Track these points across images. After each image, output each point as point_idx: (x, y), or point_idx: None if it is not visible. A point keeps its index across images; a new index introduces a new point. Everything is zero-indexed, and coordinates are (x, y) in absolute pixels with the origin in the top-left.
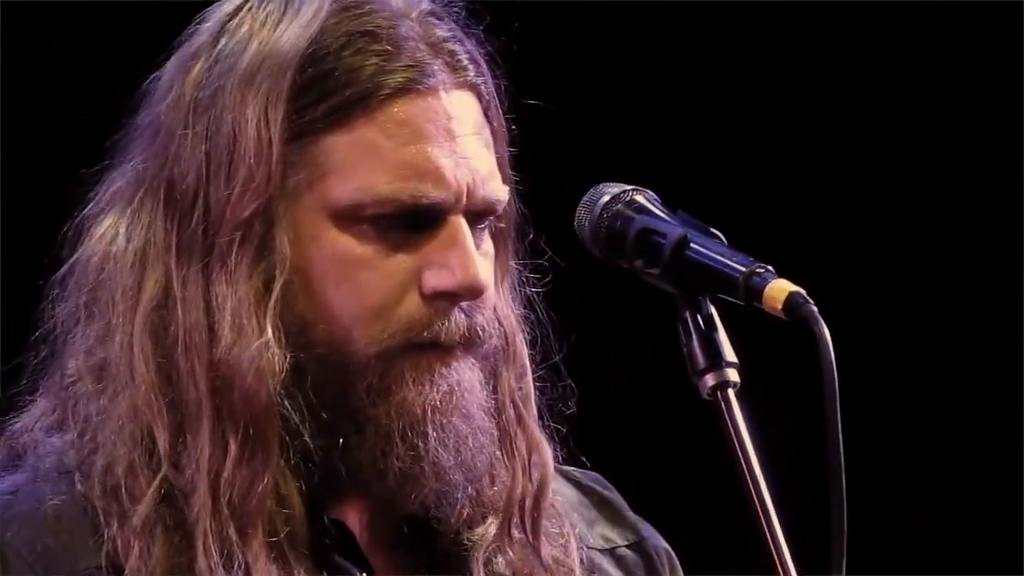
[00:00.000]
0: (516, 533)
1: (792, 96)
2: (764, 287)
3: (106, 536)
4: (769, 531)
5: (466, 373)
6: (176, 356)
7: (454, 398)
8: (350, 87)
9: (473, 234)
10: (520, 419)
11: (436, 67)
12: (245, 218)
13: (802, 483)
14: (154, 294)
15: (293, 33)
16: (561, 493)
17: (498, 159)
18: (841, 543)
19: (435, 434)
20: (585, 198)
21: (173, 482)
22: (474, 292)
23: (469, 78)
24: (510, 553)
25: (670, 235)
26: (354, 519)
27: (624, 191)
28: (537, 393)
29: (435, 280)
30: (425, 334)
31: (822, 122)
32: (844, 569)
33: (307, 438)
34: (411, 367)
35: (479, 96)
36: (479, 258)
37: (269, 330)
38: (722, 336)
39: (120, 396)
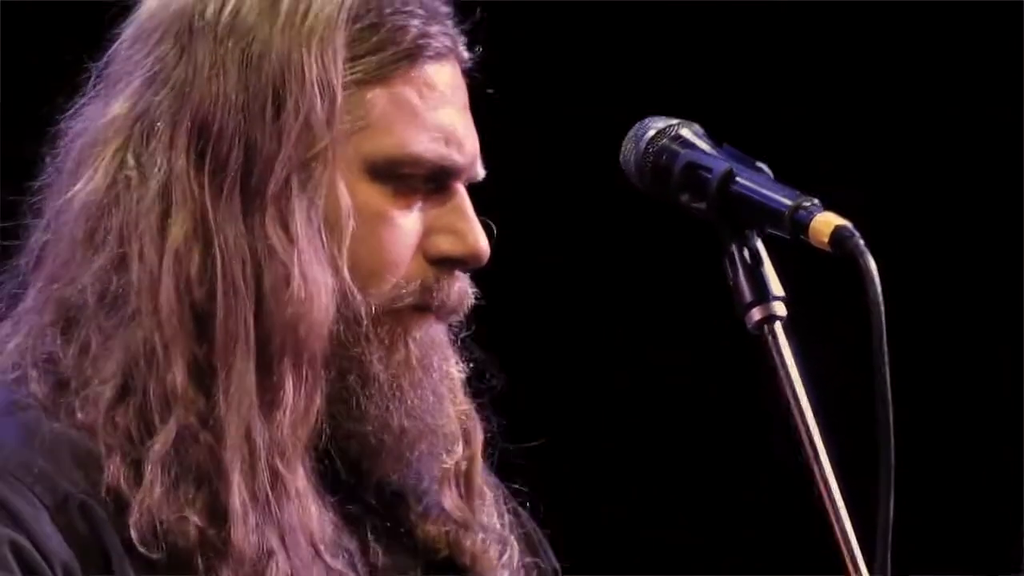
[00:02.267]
0: (454, 492)
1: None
2: (810, 220)
3: (109, 468)
4: (817, 463)
5: (448, 338)
6: (213, 293)
7: (445, 362)
8: (394, 45)
9: None
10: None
11: (453, 39)
12: (305, 159)
13: (849, 417)
14: (186, 231)
15: None
16: None
17: None
18: (889, 475)
19: (429, 393)
20: (631, 132)
21: (184, 422)
22: (479, 261)
23: (464, 57)
24: (446, 507)
25: (716, 169)
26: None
27: (670, 125)
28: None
29: (444, 245)
30: (434, 296)
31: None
32: (892, 506)
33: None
34: (416, 327)
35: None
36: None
37: (339, 270)
38: (769, 270)
39: (132, 327)
